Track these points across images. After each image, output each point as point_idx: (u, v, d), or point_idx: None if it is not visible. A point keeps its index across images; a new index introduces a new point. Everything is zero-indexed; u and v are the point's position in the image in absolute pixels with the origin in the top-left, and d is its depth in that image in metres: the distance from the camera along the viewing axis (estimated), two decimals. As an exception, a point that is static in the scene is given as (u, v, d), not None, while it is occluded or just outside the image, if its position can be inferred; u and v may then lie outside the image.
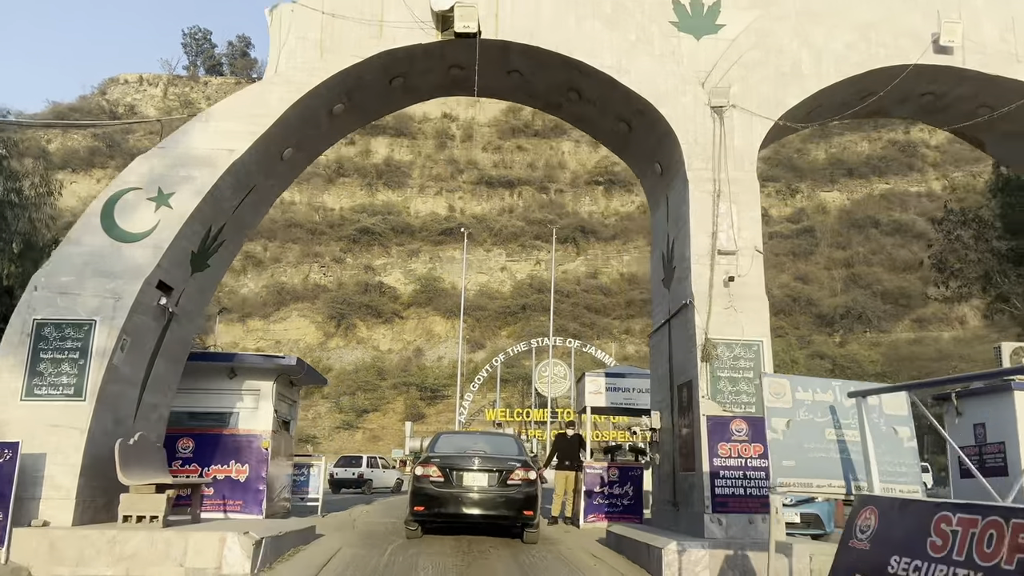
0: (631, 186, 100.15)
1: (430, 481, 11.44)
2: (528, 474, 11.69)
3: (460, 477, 11.48)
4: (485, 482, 11.48)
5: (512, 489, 11.46)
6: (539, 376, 72.05)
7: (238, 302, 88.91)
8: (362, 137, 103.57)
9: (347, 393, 77.44)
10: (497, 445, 13.04)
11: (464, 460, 11.75)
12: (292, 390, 15.72)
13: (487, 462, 11.74)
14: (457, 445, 12.84)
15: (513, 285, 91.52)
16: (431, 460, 11.81)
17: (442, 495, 11.37)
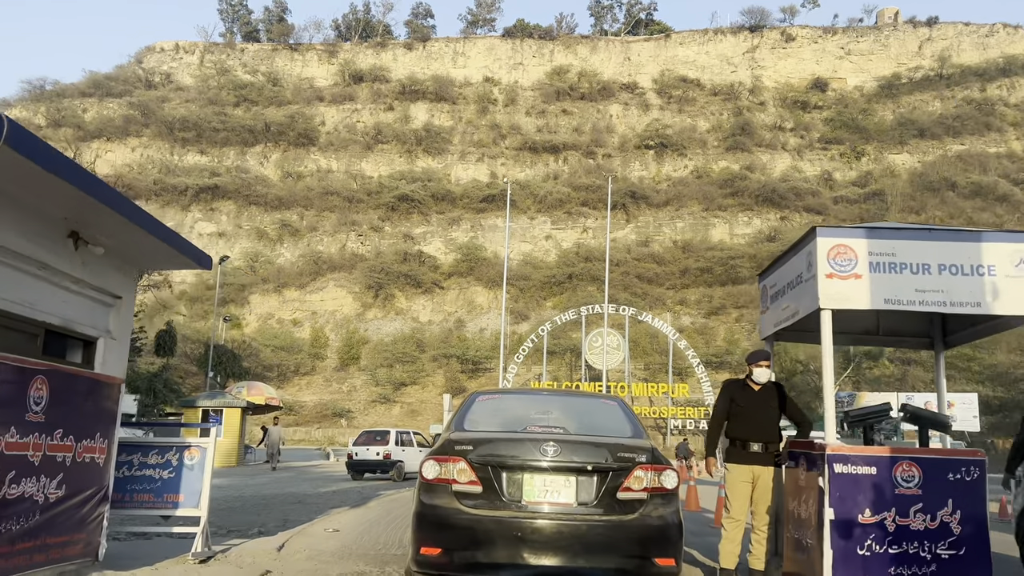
0: (683, 150, 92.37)
1: (453, 492, 5.35)
2: (661, 478, 5.44)
3: (516, 484, 5.35)
4: (571, 495, 5.32)
5: (629, 511, 5.29)
6: (590, 347, 65.15)
7: (273, 272, 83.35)
8: (401, 103, 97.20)
9: (384, 365, 71.31)
10: (588, 417, 6.56)
11: (524, 447, 5.44)
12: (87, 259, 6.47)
13: (573, 451, 5.41)
14: (509, 416, 6.35)
15: (559, 254, 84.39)
16: (455, 447, 5.49)
17: (480, 525, 5.24)
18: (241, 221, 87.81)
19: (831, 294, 6.13)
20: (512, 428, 5.87)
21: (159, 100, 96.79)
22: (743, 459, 6.90)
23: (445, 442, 5.58)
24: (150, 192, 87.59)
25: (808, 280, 6.44)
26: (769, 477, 6.87)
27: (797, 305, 6.78)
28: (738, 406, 7.06)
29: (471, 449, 5.32)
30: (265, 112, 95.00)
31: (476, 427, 5.94)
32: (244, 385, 30.53)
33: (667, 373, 64.45)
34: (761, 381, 7.09)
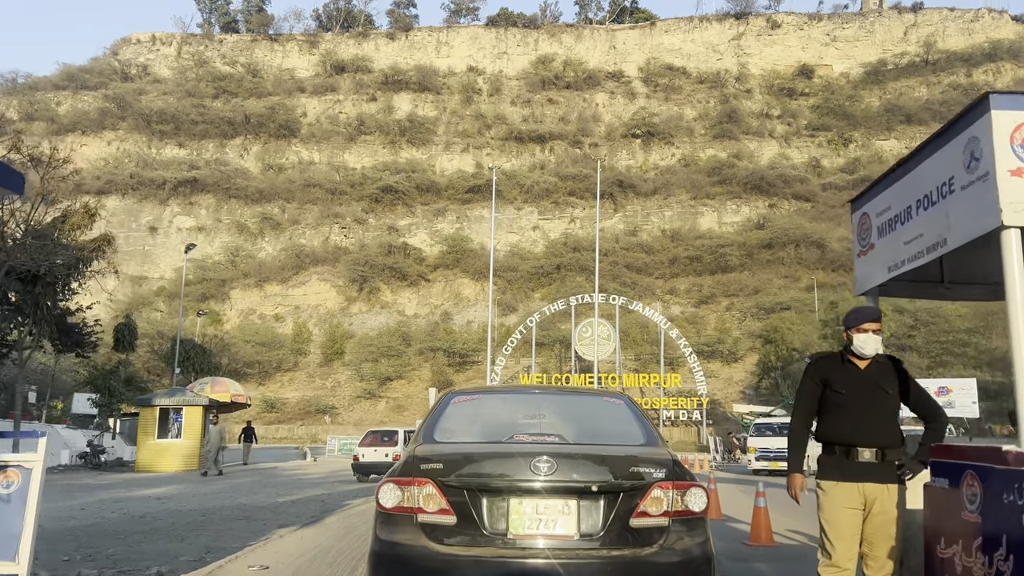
0: (671, 138, 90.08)
1: (421, 526, 3.98)
2: (686, 498, 4.03)
3: (502, 513, 3.97)
4: (572, 526, 3.94)
5: (646, 542, 3.94)
6: (580, 337, 62.73)
7: (254, 266, 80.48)
8: (384, 93, 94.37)
9: (369, 360, 68.63)
10: (589, 420, 5.17)
11: (509, 464, 4.06)
12: None
13: (574, 468, 4.04)
14: (491, 423, 5.05)
15: (546, 244, 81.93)
16: (423, 466, 4.14)
17: (454, 566, 3.85)
18: (221, 215, 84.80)
19: (1019, 200, 3.66)
20: (495, 438, 4.62)
21: (136, 93, 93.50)
22: (848, 474, 4.39)
23: (409, 459, 4.29)
24: (127, 186, 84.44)
25: (971, 184, 3.96)
26: (891, 502, 4.33)
27: (943, 229, 4.27)
28: (836, 393, 4.49)
29: (442, 468, 4.11)
30: (245, 104, 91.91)
31: (449, 438, 4.70)
32: (208, 381, 27.88)
33: (658, 363, 62.14)
34: (868, 354, 4.51)
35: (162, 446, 23.68)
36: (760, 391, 55.56)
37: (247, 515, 12.13)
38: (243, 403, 28.58)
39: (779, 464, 23.19)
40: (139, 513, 12.36)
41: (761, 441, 25.69)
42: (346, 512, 12.39)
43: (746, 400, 58.61)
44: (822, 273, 71.84)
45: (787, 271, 75.21)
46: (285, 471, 24.75)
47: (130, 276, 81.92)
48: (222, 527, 10.73)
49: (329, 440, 35.22)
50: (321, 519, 11.39)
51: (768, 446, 24.90)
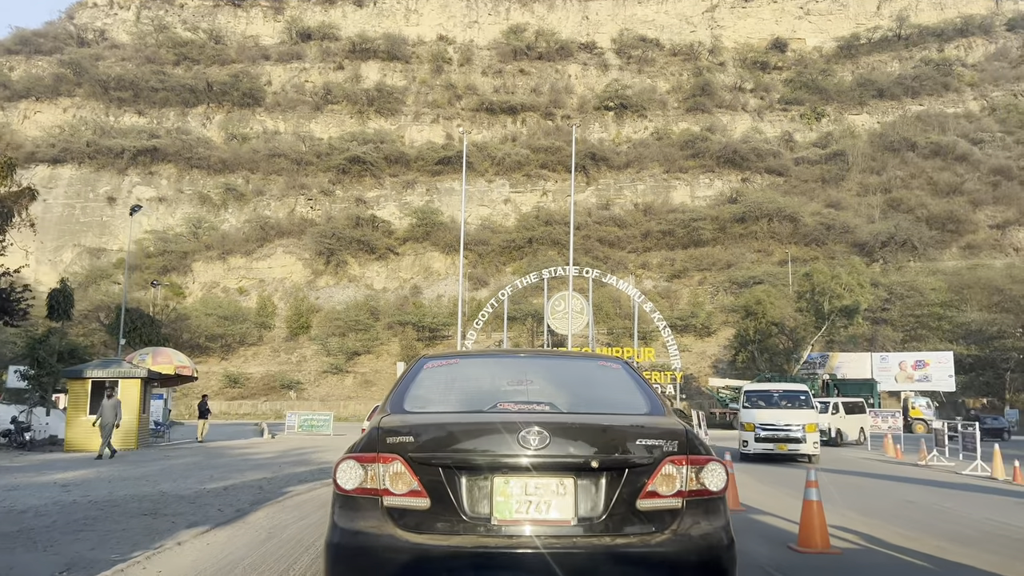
0: (643, 111, 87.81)
1: (387, 511, 3.22)
2: (702, 475, 3.31)
3: (484, 494, 3.19)
4: (568, 509, 3.20)
5: (656, 528, 3.20)
6: (552, 311, 60.47)
7: (217, 239, 76.96)
8: (351, 62, 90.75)
9: (336, 334, 65.86)
10: (584, 386, 4.21)
11: (493, 436, 3.24)
12: None
13: (567, 439, 3.26)
14: (470, 389, 4.05)
15: (518, 218, 79.43)
16: (389, 439, 3.30)
17: (427, 559, 3.05)
18: (183, 185, 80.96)
19: None
20: (476, 407, 3.82)
21: (92, 58, 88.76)
22: None
23: (373, 431, 3.51)
24: (83, 155, 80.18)
25: None
26: None
27: None
28: None
29: (412, 441, 3.36)
30: (207, 71, 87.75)
31: (422, 407, 3.87)
32: (148, 352, 25.13)
33: (631, 338, 60.22)
34: None
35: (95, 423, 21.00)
36: (736, 365, 53.87)
37: (157, 508, 9.67)
38: (189, 376, 25.86)
39: (789, 447, 18.87)
40: (24, 506, 9.85)
41: (760, 415, 19.67)
42: (281, 504, 9.98)
43: (719, 374, 57.01)
44: (795, 247, 70.32)
45: (760, 245, 73.62)
46: (234, 450, 22.23)
47: (88, 248, 78.07)
48: (115, 527, 8.28)
49: (288, 416, 32.54)
50: (245, 515, 8.98)
51: (772, 421, 19.30)
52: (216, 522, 8.39)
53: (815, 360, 50.94)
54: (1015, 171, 74.93)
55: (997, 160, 76.26)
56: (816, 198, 77.22)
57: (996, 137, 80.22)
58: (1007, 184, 73.59)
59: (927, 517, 9.86)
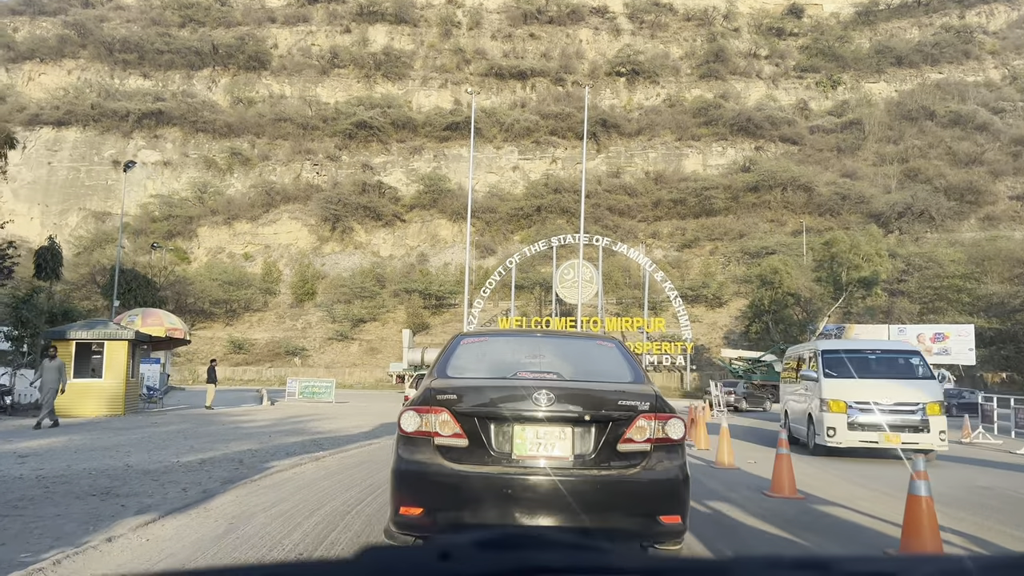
0: (655, 77, 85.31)
1: (436, 447, 4.50)
2: (666, 427, 4.57)
3: (507, 437, 4.49)
4: (567, 448, 4.49)
5: (631, 465, 4.50)
6: (561, 280, 58.83)
7: (223, 203, 75.38)
8: (359, 24, 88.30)
9: (342, 301, 64.46)
10: (584, 360, 5.51)
11: (514, 396, 4.54)
12: None
13: (569, 400, 4.51)
14: (497, 361, 5.36)
15: (527, 185, 77.52)
16: (438, 397, 4.59)
17: (465, 483, 4.37)
18: (188, 149, 79.18)
19: None
20: (501, 374, 5.08)
21: (97, 19, 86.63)
22: None
23: (426, 391, 4.74)
24: (87, 117, 78.41)
25: None
26: None
27: None
28: None
29: (455, 399, 4.59)
30: (213, 34, 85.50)
31: (460, 374, 5.12)
32: (138, 313, 23.62)
33: (640, 308, 58.73)
34: None
35: (79, 387, 19.55)
36: (749, 335, 52.22)
37: (112, 487, 8.15)
38: (181, 339, 24.38)
39: (906, 439, 12.19)
40: (-40, 482, 8.34)
41: (852, 389, 13.00)
42: (257, 484, 8.43)
43: (731, 345, 55.42)
44: (809, 218, 68.26)
45: (773, 215, 71.62)
46: (228, 417, 20.80)
47: (92, 212, 76.59)
48: (51, 511, 6.77)
49: (289, 382, 31.02)
50: (211, 497, 7.44)
51: (878, 398, 12.78)
52: (172, 507, 6.86)
53: (831, 332, 49.17)
54: (1036, 141, 72.50)
55: (1018, 130, 73.76)
56: (831, 167, 74.99)
57: (1017, 107, 77.63)
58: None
59: (1019, 509, 8.27)
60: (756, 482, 9.70)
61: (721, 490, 8.98)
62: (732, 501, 8.12)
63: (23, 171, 77.30)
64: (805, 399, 14.44)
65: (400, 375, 51.36)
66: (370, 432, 16.15)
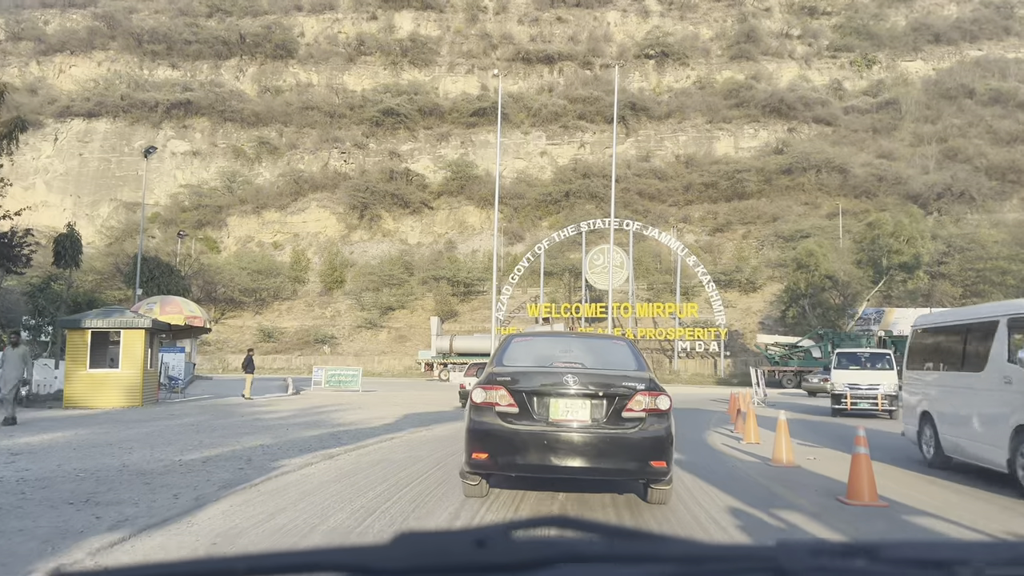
0: (685, 59, 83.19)
1: (496, 412, 6.50)
2: (656, 401, 6.49)
3: (544, 406, 6.47)
4: (585, 415, 6.43)
5: (631, 426, 6.42)
6: (591, 265, 57.44)
7: (251, 192, 75.01)
8: (385, 11, 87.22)
9: (370, 289, 63.76)
10: (601, 354, 7.58)
11: (550, 379, 6.58)
12: None
13: (588, 381, 6.51)
14: (538, 354, 7.48)
15: (555, 171, 76.07)
16: (497, 378, 6.64)
17: (516, 436, 6.39)
18: (216, 139, 78.89)
19: None
20: (541, 364, 7.04)
21: (126, 11, 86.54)
22: None
23: (489, 374, 6.78)
24: (117, 108, 78.42)
25: None
26: None
27: None
28: None
29: (509, 380, 6.57)
30: (240, 23, 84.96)
31: (514, 363, 7.09)
32: (156, 301, 22.84)
33: (672, 293, 57.18)
34: None
35: (96, 377, 18.79)
36: (786, 320, 50.52)
37: (95, 493, 7.16)
38: (201, 327, 23.56)
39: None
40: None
41: None
42: (258, 489, 7.38)
43: (765, 331, 53.75)
44: (844, 200, 66.05)
45: (807, 198, 69.45)
46: (249, 408, 19.94)
47: (123, 202, 76.64)
48: (12, 524, 5.80)
49: (315, 371, 30.12)
50: (201, 507, 6.40)
51: None
52: (152, 521, 5.82)
53: (870, 316, 47.37)
54: (1082, 118, 69.45)
55: (1063, 107, 70.75)
56: (867, 149, 72.53)
57: (1061, 83, 74.44)
58: (1073, 132, 68.27)
59: None
60: (824, 484, 8.46)
61: (786, 495, 7.76)
62: (803, 510, 6.91)
63: (55, 162, 77.61)
64: (987, 399, 8.86)
65: (429, 363, 50.52)
66: (393, 424, 15.11)
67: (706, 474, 9.13)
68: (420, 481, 8.06)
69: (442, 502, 6.95)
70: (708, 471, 9.43)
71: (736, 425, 14.53)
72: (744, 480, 8.82)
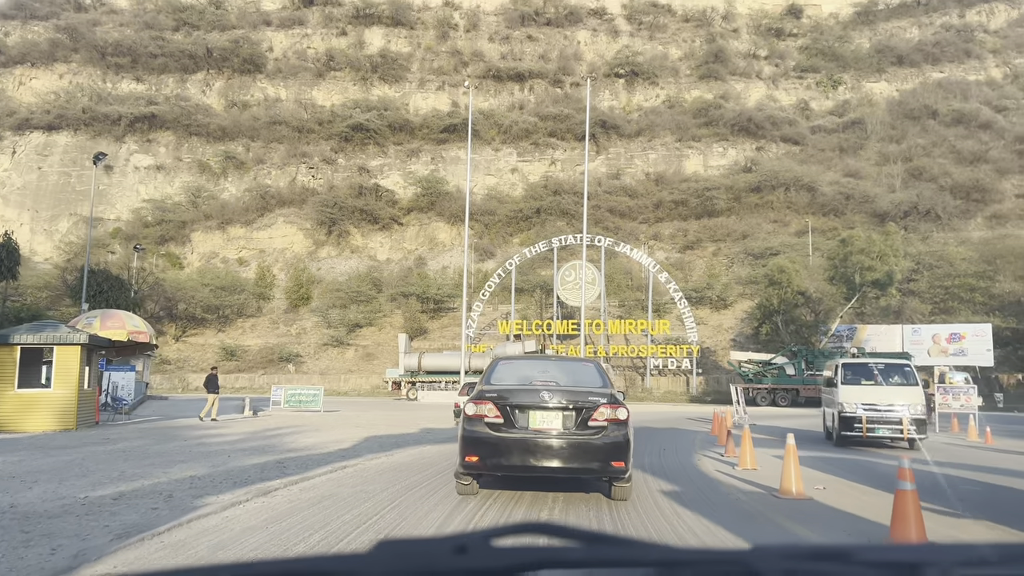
0: (655, 78, 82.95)
1: (485, 423, 7.81)
2: (616, 412, 7.77)
3: (525, 417, 7.79)
4: (558, 424, 7.74)
5: (595, 433, 7.69)
6: (562, 281, 56.21)
7: (217, 208, 72.77)
8: (355, 27, 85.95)
9: (337, 306, 61.79)
10: (573, 374, 8.95)
11: (529, 395, 7.93)
12: None
13: (560, 397, 7.86)
14: (520, 374, 8.89)
15: (526, 187, 74.99)
16: (486, 395, 7.97)
17: (501, 442, 7.72)
18: (181, 153, 76.64)
19: None
20: (523, 383, 8.41)
21: (90, 24, 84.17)
22: None
23: (479, 391, 8.07)
24: (79, 121, 75.90)
25: None
26: None
27: None
28: None
29: (496, 396, 7.88)
30: (207, 37, 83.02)
31: (500, 382, 8.44)
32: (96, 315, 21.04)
33: (643, 310, 56.10)
34: None
35: (25, 398, 16.96)
36: (760, 337, 49.63)
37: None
38: (147, 343, 21.73)
39: None
40: None
41: None
42: (161, 540, 5.80)
43: (738, 348, 52.84)
44: (813, 218, 65.82)
45: (776, 215, 69.11)
46: (195, 431, 18.19)
47: (83, 217, 73.84)
48: None
49: (274, 390, 28.27)
50: (69, 571, 4.85)
51: None
52: None
53: (842, 332, 46.73)
54: (1042, 139, 70.18)
55: (1022, 128, 71.41)
56: (834, 167, 72.55)
57: (1021, 104, 75.31)
58: (1034, 152, 68.91)
59: None
60: (850, 522, 7.13)
61: (811, 537, 6.40)
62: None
63: (13, 176, 74.81)
64: None
65: (397, 381, 48.70)
66: (349, 450, 13.52)
67: (707, 509, 7.77)
68: (367, 526, 6.56)
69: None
70: (708, 505, 8.06)
71: (727, 448, 13.21)
72: (754, 516, 7.47)
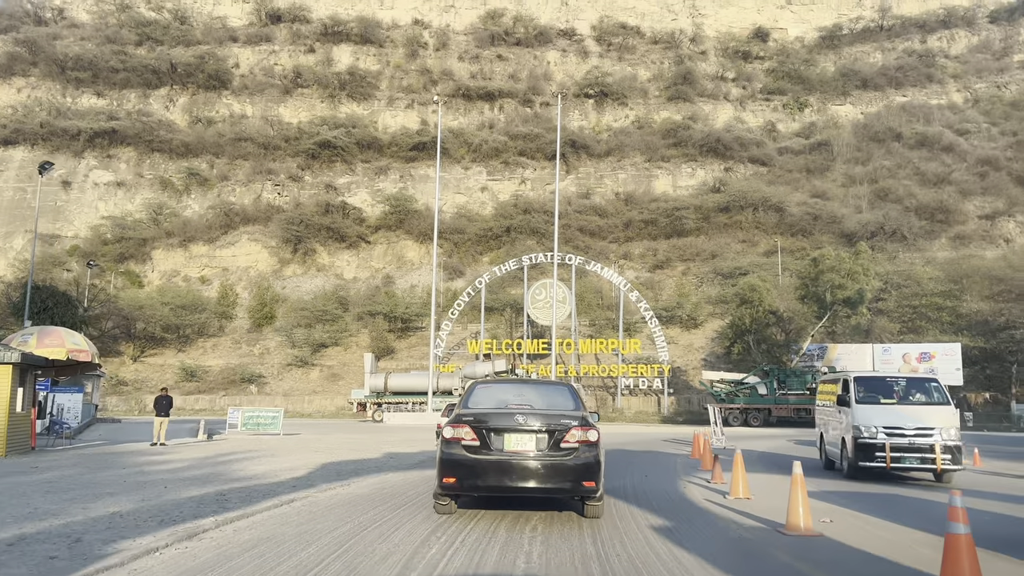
0: (624, 99, 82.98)
1: (462, 445, 8.01)
2: (587, 434, 8.01)
3: (500, 440, 8.00)
4: (532, 446, 7.98)
5: (567, 454, 7.93)
6: (533, 300, 55.20)
7: (179, 225, 70.76)
8: (323, 45, 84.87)
9: (302, 325, 60.05)
10: (547, 397, 9.17)
11: (504, 418, 8.16)
12: None
13: (534, 420, 8.09)
14: (496, 398, 9.07)
15: (495, 206, 74.11)
16: (463, 418, 8.19)
17: (478, 463, 7.92)
18: (143, 169, 74.59)
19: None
20: (498, 406, 8.63)
21: (49, 37, 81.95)
22: None
23: (457, 415, 8.31)
24: (36, 136, 73.56)
25: None
26: None
27: None
28: None
29: (473, 420, 8.10)
30: (171, 52, 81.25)
31: (476, 405, 8.72)
32: (33, 332, 19.50)
33: (614, 329, 55.33)
34: None
35: (-51, 423, 15.47)
36: (731, 356, 49.04)
37: None
38: (88, 362, 20.25)
39: None
40: None
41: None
42: None
43: (710, 367, 52.23)
44: (781, 238, 65.88)
45: (745, 235, 69.06)
46: (139, 456, 16.75)
47: (40, 234, 71.29)
48: None
49: (231, 413, 26.74)
50: None
51: None
52: None
53: (813, 352, 46.31)
54: (1002, 161, 71.22)
55: (984, 151, 72.49)
56: (801, 188, 72.87)
57: (982, 128, 76.54)
58: (995, 175, 69.85)
59: None
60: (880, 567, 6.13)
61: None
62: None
63: (-35, 191, 72.11)
64: None
65: (362, 402, 47.14)
66: (303, 478, 12.25)
67: (707, 551, 6.73)
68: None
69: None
70: (707, 543, 7.03)
71: (714, 474, 12.21)
72: (764, 559, 6.44)
